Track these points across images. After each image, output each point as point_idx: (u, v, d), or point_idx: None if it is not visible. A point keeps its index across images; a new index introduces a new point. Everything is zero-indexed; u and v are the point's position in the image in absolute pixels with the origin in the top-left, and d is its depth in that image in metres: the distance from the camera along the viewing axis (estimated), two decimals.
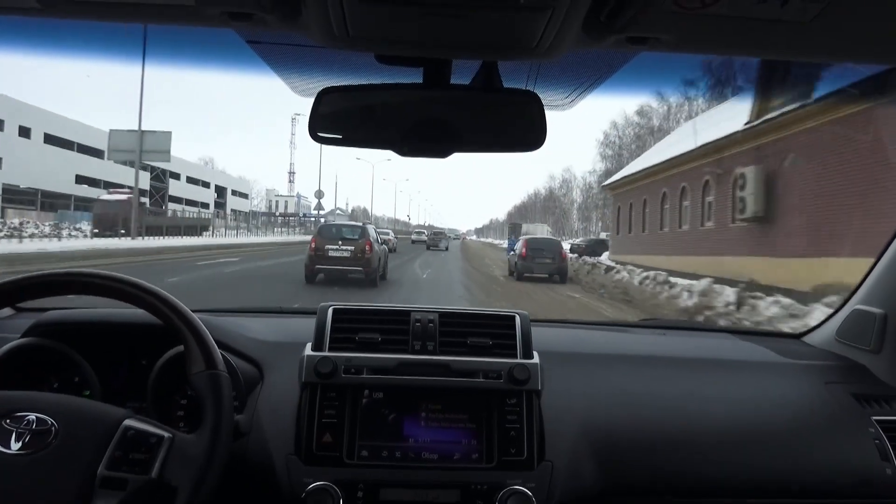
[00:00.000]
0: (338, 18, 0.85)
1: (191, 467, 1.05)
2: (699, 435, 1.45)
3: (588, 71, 1.18)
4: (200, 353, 1.15)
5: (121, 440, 1.04)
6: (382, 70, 1.09)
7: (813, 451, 1.45)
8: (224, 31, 0.94)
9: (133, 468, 1.02)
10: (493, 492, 1.27)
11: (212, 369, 1.14)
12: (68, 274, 1.19)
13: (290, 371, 1.39)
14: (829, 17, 0.81)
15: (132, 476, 1.02)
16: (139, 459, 1.03)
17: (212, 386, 1.13)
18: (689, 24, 0.85)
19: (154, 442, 1.05)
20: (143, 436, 1.06)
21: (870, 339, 1.69)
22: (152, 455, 1.04)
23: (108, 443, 1.04)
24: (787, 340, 1.98)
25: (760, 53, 0.99)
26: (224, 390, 1.13)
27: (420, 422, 1.33)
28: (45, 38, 1.17)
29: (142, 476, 1.02)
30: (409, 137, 1.15)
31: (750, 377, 1.62)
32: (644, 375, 1.58)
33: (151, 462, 1.03)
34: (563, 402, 1.43)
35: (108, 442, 1.04)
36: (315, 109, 1.12)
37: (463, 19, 0.85)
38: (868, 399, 1.56)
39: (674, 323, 2.20)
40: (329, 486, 1.25)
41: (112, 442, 1.04)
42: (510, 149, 1.19)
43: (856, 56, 1.04)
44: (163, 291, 1.19)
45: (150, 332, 1.34)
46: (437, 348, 1.40)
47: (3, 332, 1.49)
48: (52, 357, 1.40)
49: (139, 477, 1.02)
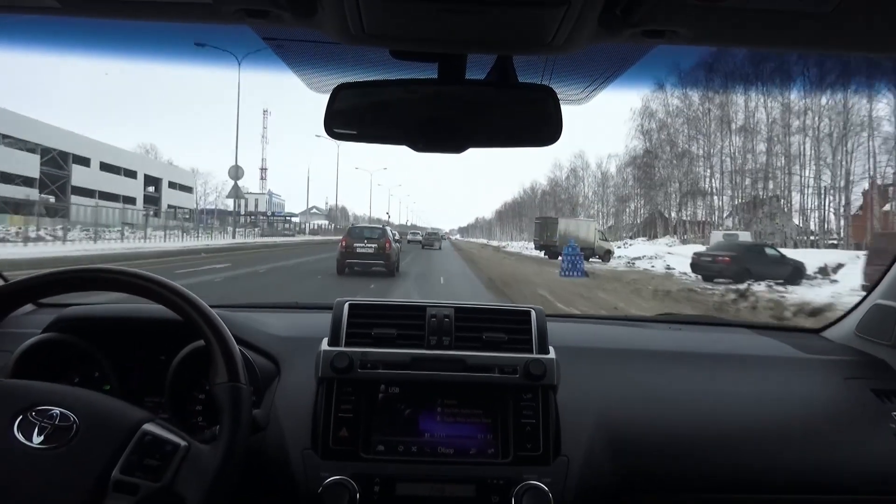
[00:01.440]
0: (353, 15, 0.85)
1: (202, 479, 1.05)
2: (716, 430, 1.44)
3: (604, 65, 1.17)
4: (224, 363, 1.15)
5: (137, 444, 1.05)
6: (397, 66, 1.09)
7: (832, 446, 1.43)
8: (239, 28, 0.95)
9: (146, 474, 1.03)
10: (508, 487, 1.27)
11: (234, 381, 1.14)
12: (90, 270, 1.20)
13: (306, 366, 1.40)
14: (848, 8, 0.79)
15: (144, 482, 1.02)
16: (153, 466, 1.03)
17: (232, 399, 1.13)
18: (706, 17, 0.84)
19: (169, 450, 1.06)
20: (160, 443, 1.06)
21: (890, 334, 1.67)
22: (166, 463, 1.04)
23: (125, 446, 1.04)
24: (805, 335, 1.96)
25: (779, 46, 0.98)
26: (244, 404, 1.13)
27: (436, 416, 1.33)
28: (62, 36, 1.18)
29: (153, 483, 1.02)
30: (424, 133, 1.15)
31: (768, 372, 1.61)
32: (660, 370, 1.57)
33: (164, 470, 1.04)
34: (579, 397, 1.43)
35: (125, 445, 1.04)
36: (330, 106, 1.12)
37: (478, 14, 0.85)
38: (888, 394, 1.54)
39: (690, 318, 2.18)
40: (346, 480, 1.25)
41: (129, 446, 1.04)
42: (525, 144, 1.18)
43: (878, 47, 1.03)
44: (184, 289, 1.20)
45: (168, 328, 1.35)
46: (452, 343, 1.40)
47: (25, 328, 1.51)
48: (72, 352, 1.42)
49: (151, 484, 1.02)
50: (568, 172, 60.42)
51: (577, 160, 59.72)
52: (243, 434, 1.11)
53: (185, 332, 1.21)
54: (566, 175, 60.71)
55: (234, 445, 1.09)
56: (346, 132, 1.16)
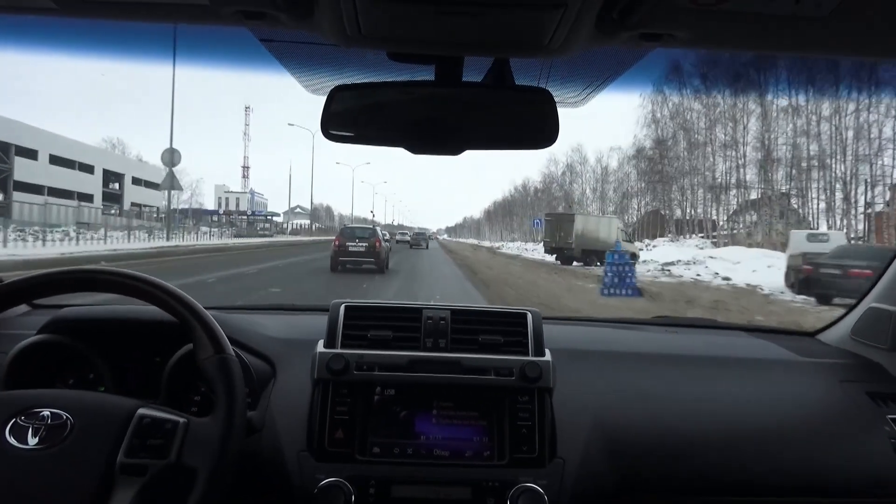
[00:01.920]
0: (350, 17, 0.85)
1: (208, 449, 1.06)
2: (712, 432, 1.44)
3: (601, 68, 1.17)
4: (208, 339, 1.16)
5: (137, 428, 1.06)
6: (394, 68, 1.09)
7: (827, 449, 1.44)
8: (237, 30, 0.95)
9: (152, 454, 1.04)
10: (504, 489, 1.27)
11: (220, 353, 1.15)
12: (84, 271, 1.20)
13: (302, 368, 1.40)
14: (846, 11, 0.80)
15: (151, 461, 1.04)
16: (157, 445, 1.05)
17: (222, 369, 1.14)
18: (704, 21, 0.84)
19: (170, 428, 1.07)
20: (159, 422, 1.08)
21: (885, 338, 1.67)
22: (169, 440, 1.06)
23: (124, 432, 1.06)
24: (801, 338, 1.96)
25: (776, 50, 0.98)
26: (234, 372, 1.14)
27: (432, 419, 1.33)
28: (59, 38, 1.18)
29: (161, 461, 1.04)
30: (420, 135, 1.15)
31: (763, 375, 1.61)
32: (656, 373, 1.57)
33: (169, 447, 1.05)
34: (574, 400, 1.43)
35: (124, 431, 1.06)
36: (327, 107, 1.12)
37: (475, 17, 0.85)
38: (883, 398, 1.54)
39: (686, 320, 2.18)
40: (341, 482, 1.25)
41: (129, 430, 1.06)
42: (522, 146, 1.18)
43: (875, 51, 1.03)
44: (173, 287, 1.21)
45: (164, 330, 1.35)
46: (448, 346, 1.40)
47: (20, 329, 1.50)
48: (67, 354, 1.41)
49: (158, 462, 1.04)
50: (564, 168, 56.96)
51: (574, 154, 56.69)
52: (241, 401, 1.12)
53: (180, 333, 1.21)
54: (562, 171, 57.30)
55: (233, 411, 1.10)
56: (342, 134, 1.16)
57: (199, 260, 21.14)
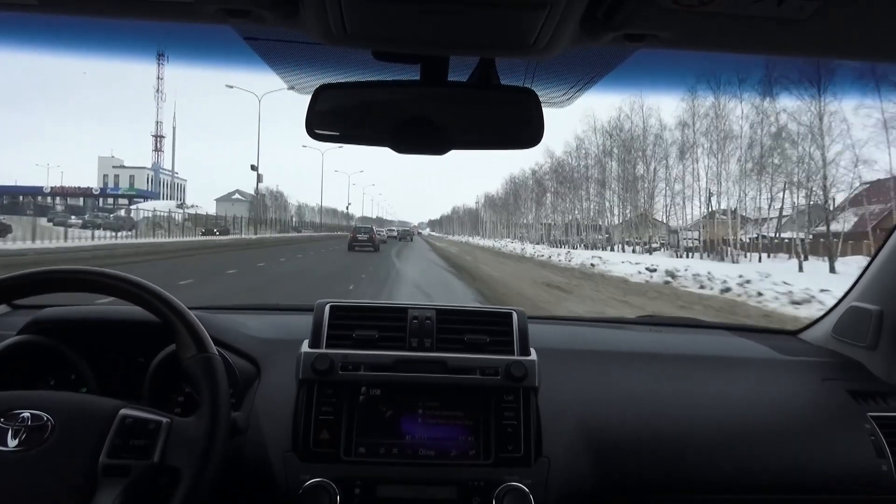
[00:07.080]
0: (335, 15, 0.85)
1: (192, 449, 1.06)
2: (695, 431, 1.45)
3: (586, 68, 1.18)
4: (191, 338, 1.16)
5: (119, 428, 1.05)
6: (380, 67, 1.09)
7: (809, 447, 1.45)
8: (220, 28, 0.94)
9: (135, 454, 1.03)
10: (490, 488, 1.27)
11: (204, 353, 1.15)
12: (65, 271, 1.19)
13: (287, 368, 1.39)
14: (826, 14, 0.81)
15: (134, 462, 1.03)
16: (140, 446, 1.04)
17: (205, 368, 1.14)
18: (687, 22, 0.85)
19: (153, 428, 1.06)
20: (142, 423, 1.07)
21: (866, 336, 1.69)
22: (152, 441, 1.05)
23: (106, 432, 1.04)
24: (783, 337, 1.98)
25: (758, 51, 0.99)
26: (218, 372, 1.14)
27: (417, 419, 1.33)
28: (40, 35, 1.16)
29: (144, 461, 1.03)
30: (406, 134, 1.14)
31: (746, 374, 1.62)
32: (640, 372, 1.58)
33: (152, 447, 1.05)
34: (560, 399, 1.43)
35: (106, 431, 1.05)
36: (312, 106, 1.12)
37: (460, 16, 0.85)
38: (864, 395, 1.56)
39: (670, 320, 2.20)
40: (326, 482, 1.25)
41: (111, 431, 1.05)
42: (507, 146, 1.19)
43: (854, 53, 1.05)
44: (156, 287, 1.20)
45: (147, 330, 1.34)
46: (434, 345, 1.40)
47: (0, 330, 1.48)
48: (48, 354, 1.39)
49: (142, 462, 1.03)
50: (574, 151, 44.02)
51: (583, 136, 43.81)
52: (225, 401, 1.12)
53: (163, 334, 1.20)
54: (572, 153, 44.39)
55: (217, 410, 1.09)
56: (327, 133, 1.15)
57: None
